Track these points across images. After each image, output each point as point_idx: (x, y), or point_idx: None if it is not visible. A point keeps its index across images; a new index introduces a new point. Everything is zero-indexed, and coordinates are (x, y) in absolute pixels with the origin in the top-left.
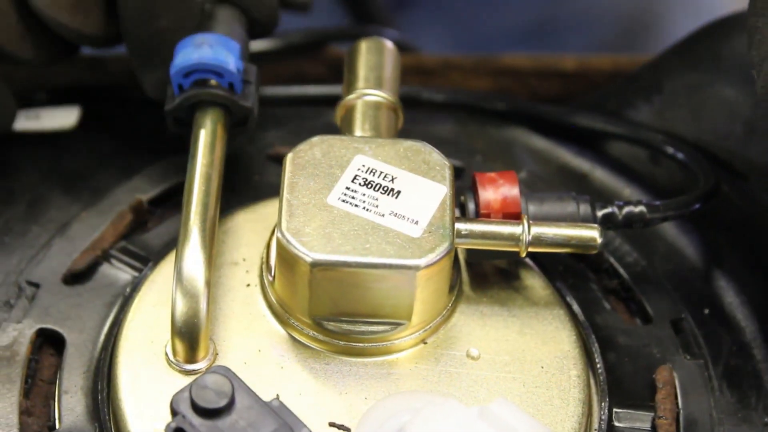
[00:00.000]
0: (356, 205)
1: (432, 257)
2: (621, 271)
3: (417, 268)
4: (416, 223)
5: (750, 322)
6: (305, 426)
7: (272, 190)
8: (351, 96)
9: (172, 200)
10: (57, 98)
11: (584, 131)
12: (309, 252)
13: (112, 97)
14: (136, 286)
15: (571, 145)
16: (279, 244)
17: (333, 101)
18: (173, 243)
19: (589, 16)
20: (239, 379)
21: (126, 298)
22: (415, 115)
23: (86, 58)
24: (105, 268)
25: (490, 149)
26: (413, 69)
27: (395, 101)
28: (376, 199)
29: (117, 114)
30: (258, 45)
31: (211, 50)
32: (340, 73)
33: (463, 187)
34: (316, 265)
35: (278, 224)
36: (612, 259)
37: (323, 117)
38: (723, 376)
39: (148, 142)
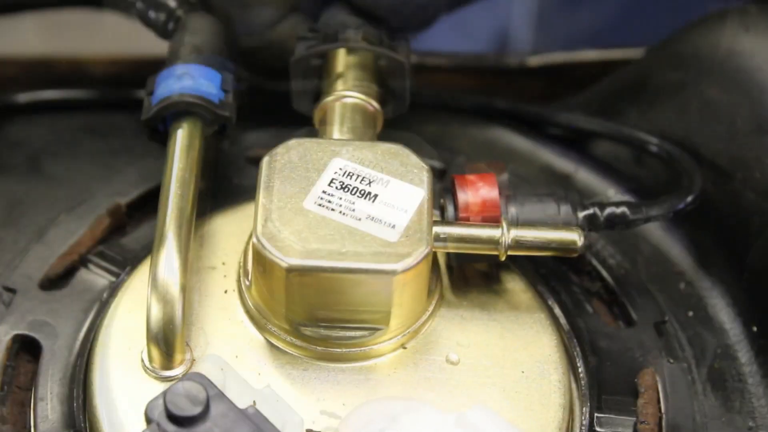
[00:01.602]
0: (333, 210)
1: (409, 262)
2: (604, 273)
3: (393, 273)
4: (393, 227)
5: (735, 324)
6: None
7: (252, 193)
8: (329, 98)
9: (152, 203)
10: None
11: (569, 131)
12: (284, 257)
13: (93, 100)
14: (113, 291)
15: (554, 145)
16: (255, 249)
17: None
18: (151, 247)
19: None
20: (214, 385)
21: (103, 303)
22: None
23: (64, 60)
24: (82, 273)
25: (472, 150)
26: None
27: (374, 103)
28: (353, 203)
29: (98, 117)
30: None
31: (193, 81)
32: None
33: (445, 189)
34: (291, 270)
35: (254, 229)
36: (595, 261)
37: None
38: (707, 379)
39: (129, 145)
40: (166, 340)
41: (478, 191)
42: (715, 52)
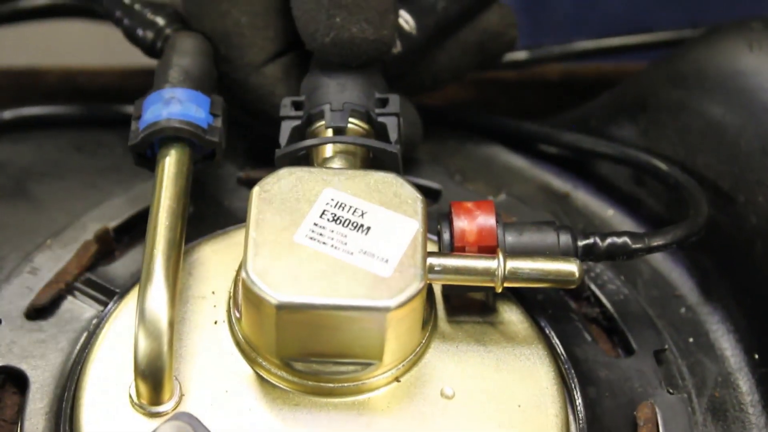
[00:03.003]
0: (324, 243)
1: (402, 298)
2: (603, 299)
3: (387, 309)
4: (386, 261)
5: (735, 351)
6: None
7: (242, 216)
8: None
9: (141, 226)
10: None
11: (573, 151)
12: (275, 294)
13: (81, 117)
14: (100, 321)
15: (552, 163)
16: (244, 285)
17: None
18: (139, 274)
19: None
20: (202, 426)
21: (91, 333)
22: None
23: (52, 72)
24: (69, 302)
25: (469, 168)
26: None
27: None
28: (345, 236)
29: (85, 134)
30: None
31: (181, 106)
32: None
33: (441, 215)
34: (282, 307)
35: (243, 264)
36: (593, 286)
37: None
38: (707, 409)
39: (117, 164)
40: (154, 376)
41: (474, 220)
42: (718, 70)
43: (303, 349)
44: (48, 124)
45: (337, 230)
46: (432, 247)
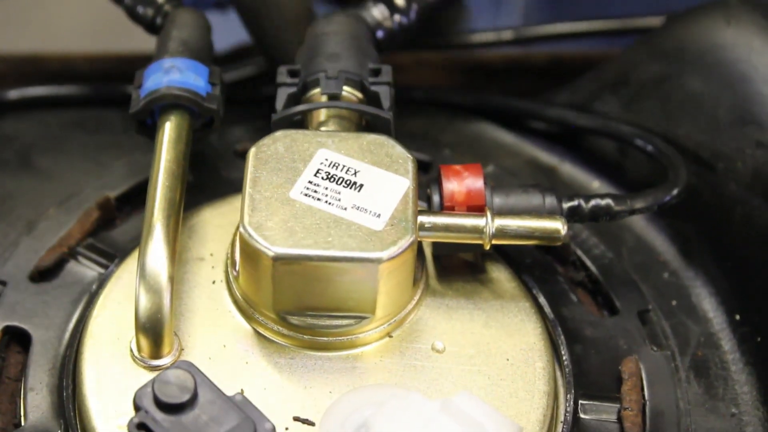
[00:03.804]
0: (319, 199)
1: (394, 250)
2: (588, 263)
3: (379, 261)
4: (378, 216)
5: (717, 312)
6: (268, 420)
7: (240, 186)
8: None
9: (141, 196)
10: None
11: (557, 125)
12: (271, 246)
13: (82, 96)
14: (102, 282)
15: (539, 138)
16: (242, 238)
17: None
18: (140, 239)
19: None
20: (202, 374)
21: (92, 294)
22: None
23: (53, 58)
24: (72, 266)
25: (458, 143)
26: None
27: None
28: (339, 193)
29: (87, 113)
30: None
31: (181, 75)
32: None
33: (431, 180)
34: (278, 258)
35: (241, 219)
36: (579, 252)
37: None
38: (690, 367)
39: (118, 140)
40: (154, 330)
41: (463, 181)
42: (697, 45)
43: (298, 303)
44: (51, 103)
45: (331, 187)
46: None
